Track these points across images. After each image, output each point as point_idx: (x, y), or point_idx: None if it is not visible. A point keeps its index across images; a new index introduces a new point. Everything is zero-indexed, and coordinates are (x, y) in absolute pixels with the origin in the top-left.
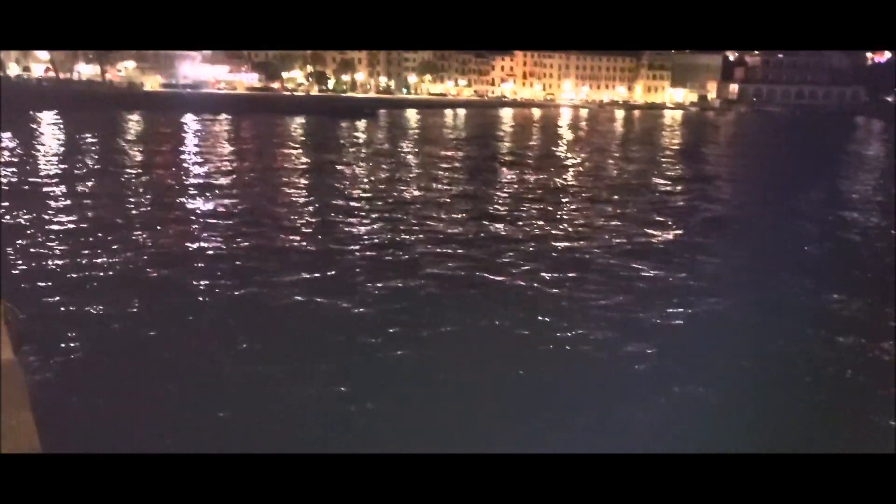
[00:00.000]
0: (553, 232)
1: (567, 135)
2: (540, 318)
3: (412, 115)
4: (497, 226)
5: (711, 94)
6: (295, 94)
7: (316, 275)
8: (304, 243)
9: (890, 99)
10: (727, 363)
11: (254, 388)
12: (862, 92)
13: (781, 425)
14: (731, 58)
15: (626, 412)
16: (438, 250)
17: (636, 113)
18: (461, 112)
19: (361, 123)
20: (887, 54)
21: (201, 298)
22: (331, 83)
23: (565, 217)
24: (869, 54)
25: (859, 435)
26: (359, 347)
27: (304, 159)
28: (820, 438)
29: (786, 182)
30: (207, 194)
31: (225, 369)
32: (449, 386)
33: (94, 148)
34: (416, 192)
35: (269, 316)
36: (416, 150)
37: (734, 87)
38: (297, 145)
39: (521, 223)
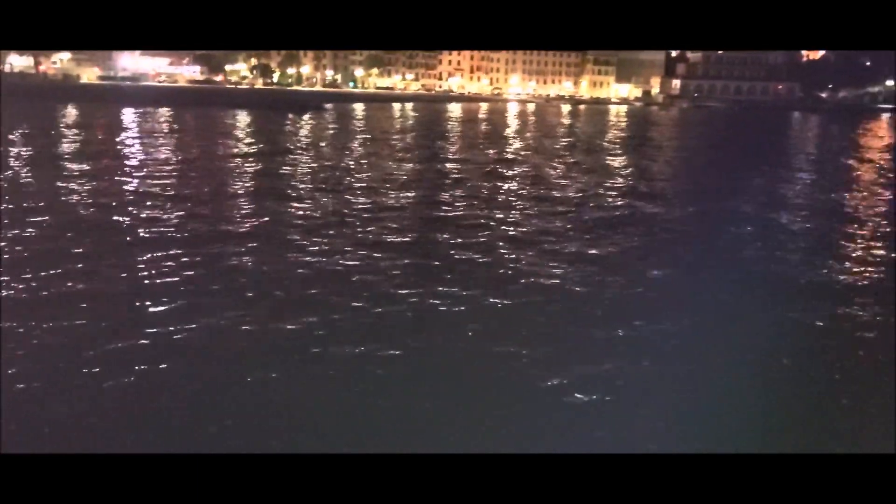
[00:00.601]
0: (500, 240)
1: (514, 129)
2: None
3: (359, 109)
4: (446, 228)
5: (655, 90)
6: (239, 87)
7: (261, 272)
8: (249, 240)
9: (823, 95)
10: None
11: (201, 386)
12: (797, 88)
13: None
14: (674, 54)
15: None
16: (382, 255)
17: (582, 108)
18: (409, 106)
19: (308, 117)
20: (821, 51)
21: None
22: (276, 76)
23: (514, 222)
24: (804, 52)
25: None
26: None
27: (248, 154)
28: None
29: (730, 181)
30: (148, 190)
31: (167, 367)
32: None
33: (26, 141)
34: (364, 192)
35: (212, 312)
36: (364, 144)
37: (676, 83)
38: (241, 139)
39: (469, 228)
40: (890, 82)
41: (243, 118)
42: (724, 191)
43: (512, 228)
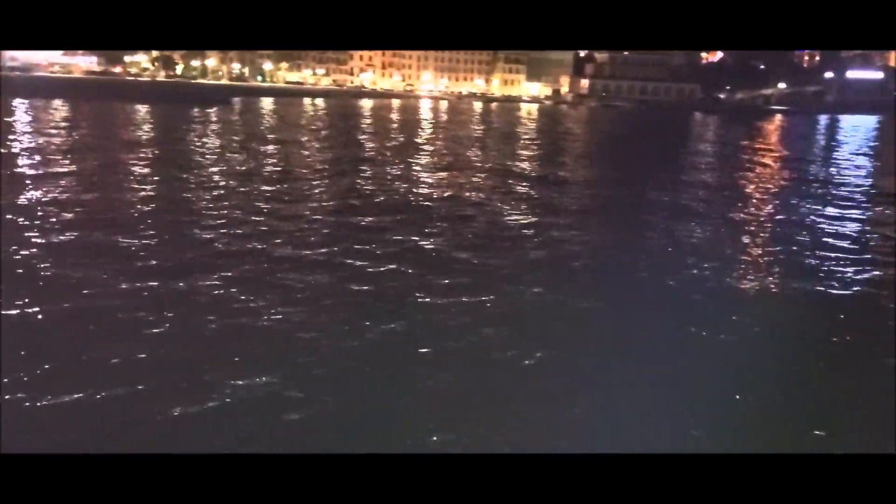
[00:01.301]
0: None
1: (428, 128)
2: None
3: (268, 103)
4: (361, 236)
5: (564, 89)
6: (139, 79)
7: (162, 279)
8: (149, 243)
9: (722, 96)
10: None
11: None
12: (698, 89)
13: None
14: (582, 54)
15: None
16: (300, 253)
17: (494, 105)
18: (320, 102)
19: (214, 112)
20: (719, 54)
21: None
22: (179, 68)
23: (431, 233)
24: (703, 54)
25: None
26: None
27: (150, 149)
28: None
29: (637, 185)
30: (39, 187)
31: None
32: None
33: None
34: (273, 187)
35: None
36: (274, 140)
37: (585, 83)
38: (142, 134)
39: (385, 234)
40: (781, 85)
41: (146, 112)
42: (631, 196)
43: (428, 242)
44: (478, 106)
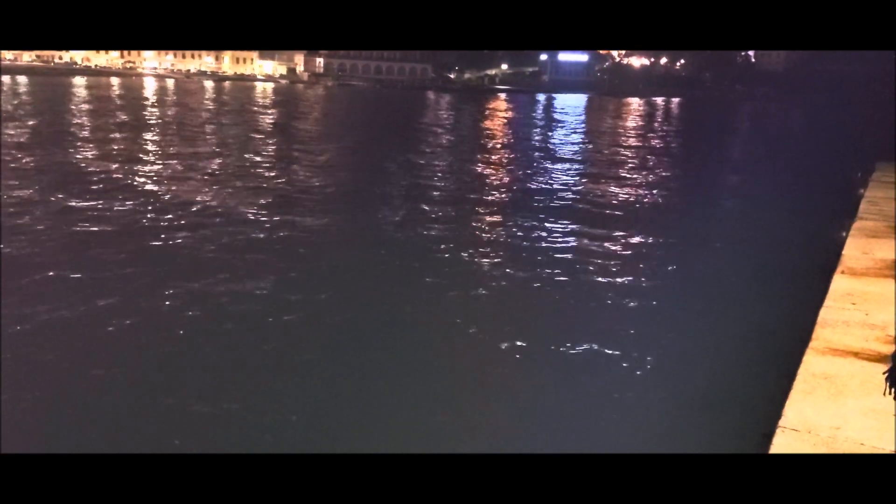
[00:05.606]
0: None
1: (155, 113)
2: None
3: None
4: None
5: (300, 68)
6: None
7: None
8: None
9: (452, 76)
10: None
11: None
12: (429, 69)
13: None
14: None
15: None
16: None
17: (227, 84)
18: (22, 80)
19: None
20: None
21: None
22: None
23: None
24: None
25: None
26: None
27: None
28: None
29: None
30: None
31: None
32: None
33: None
34: None
35: None
36: None
37: (320, 61)
38: None
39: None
40: (504, 66)
41: None
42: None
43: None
44: (209, 85)
